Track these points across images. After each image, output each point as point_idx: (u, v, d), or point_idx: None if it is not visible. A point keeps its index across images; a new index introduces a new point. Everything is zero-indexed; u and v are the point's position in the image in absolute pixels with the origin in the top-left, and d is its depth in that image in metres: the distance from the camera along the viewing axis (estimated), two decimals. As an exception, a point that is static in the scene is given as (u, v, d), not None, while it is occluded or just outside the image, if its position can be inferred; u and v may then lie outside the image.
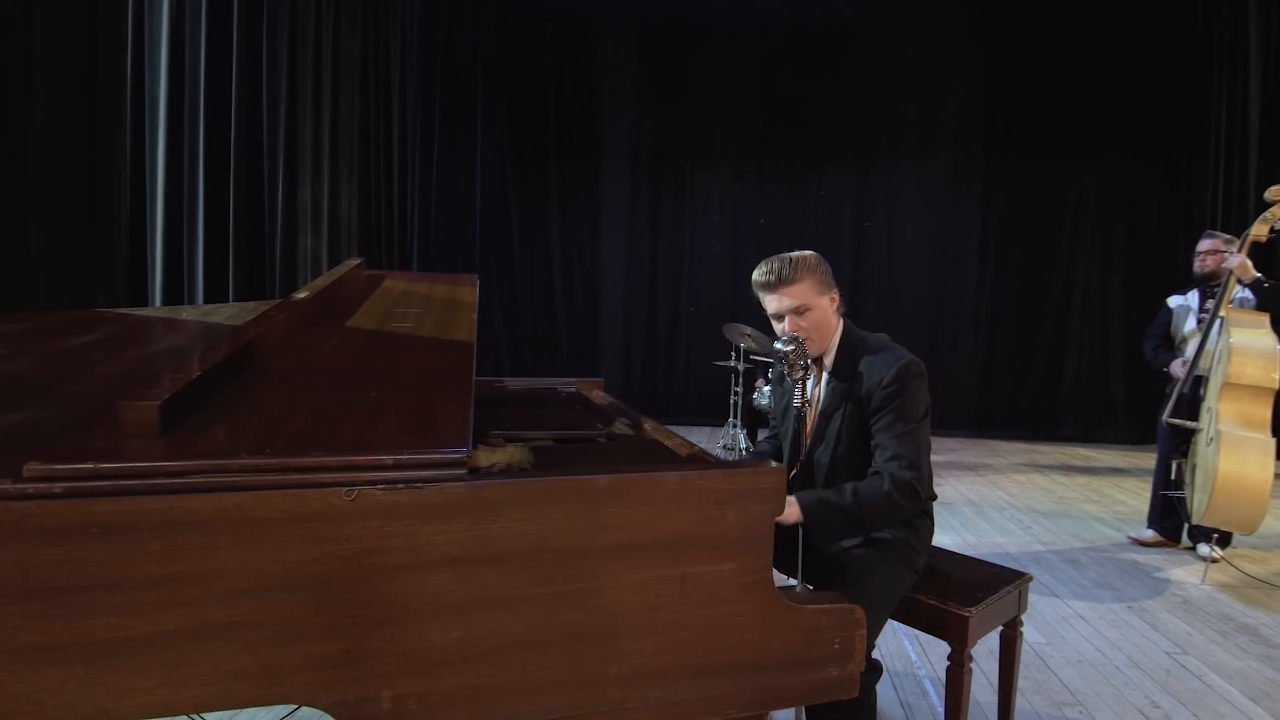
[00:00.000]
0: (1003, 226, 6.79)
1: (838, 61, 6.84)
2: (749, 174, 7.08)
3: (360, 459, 0.86)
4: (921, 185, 6.87)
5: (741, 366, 5.20)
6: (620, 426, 1.46)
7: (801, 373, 1.67)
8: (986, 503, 4.50)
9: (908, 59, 6.76)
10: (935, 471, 5.47)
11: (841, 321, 1.74)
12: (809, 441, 1.74)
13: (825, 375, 1.74)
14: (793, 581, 1.33)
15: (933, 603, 1.59)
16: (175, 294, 4.08)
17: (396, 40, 6.69)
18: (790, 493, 1.91)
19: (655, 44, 7.10)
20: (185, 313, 1.81)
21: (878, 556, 1.57)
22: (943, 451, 6.15)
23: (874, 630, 1.48)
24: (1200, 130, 6.25)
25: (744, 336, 4.96)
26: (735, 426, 5.41)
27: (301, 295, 1.59)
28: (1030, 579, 1.77)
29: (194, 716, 0.97)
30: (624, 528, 0.96)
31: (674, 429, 1.58)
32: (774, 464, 1.01)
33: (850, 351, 1.69)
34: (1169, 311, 3.68)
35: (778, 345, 1.67)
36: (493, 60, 7.30)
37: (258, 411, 0.98)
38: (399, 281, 2.22)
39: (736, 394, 5.38)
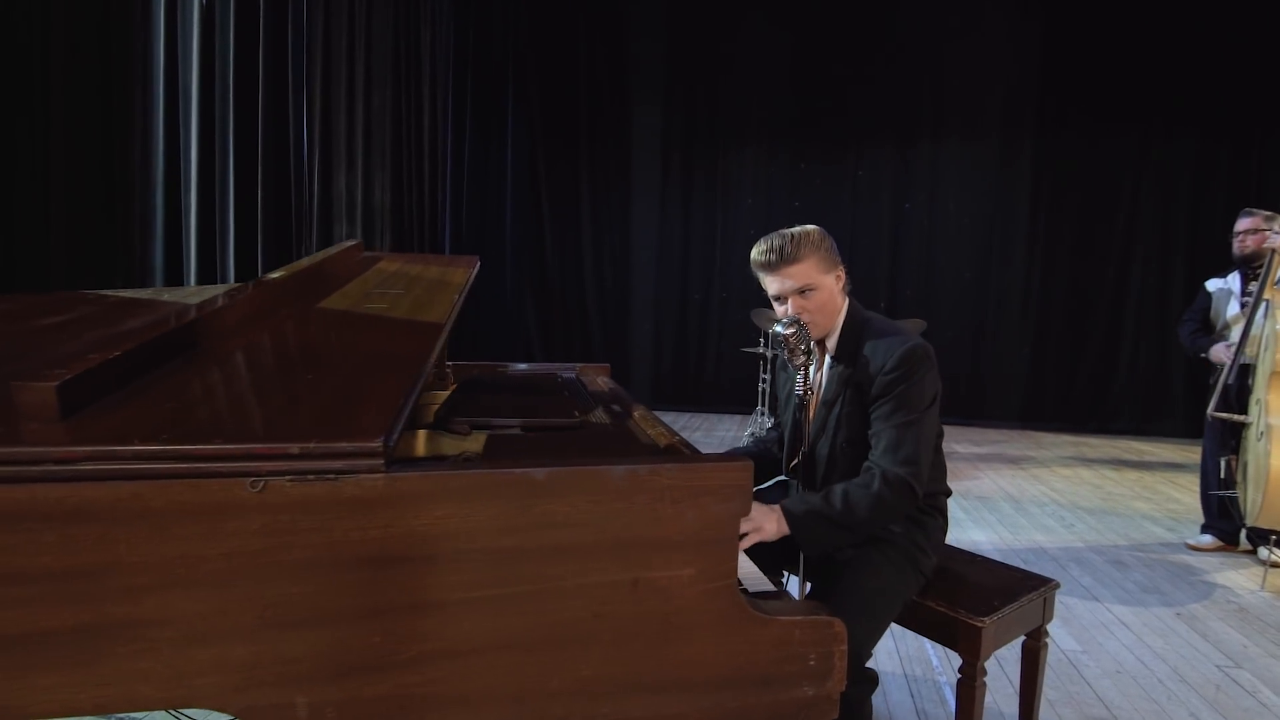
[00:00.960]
0: (1054, 208, 6.42)
1: (877, 37, 6.55)
2: (783, 156, 6.85)
3: (261, 447, 0.78)
4: (966, 165, 6.55)
5: (769, 353, 5.05)
6: (599, 415, 1.36)
7: (803, 358, 1.54)
8: (1027, 498, 4.27)
9: (952, 32, 6.42)
10: (973, 464, 5.28)
11: (847, 301, 1.61)
12: (810, 432, 1.62)
13: (828, 359, 1.62)
14: (768, 589, 1.21)
15: (943, 609, 1.46)
16: (209, 283, 4.13)
17: (427, 28, 6.68)
18: (791, 485, 1.81)
19: (687, 24, 6.92)
20: (168, 294, 1.78)
21: (879, 556, 1.45)
22: (984, 443, 5.89)
23: (869, 639, 1.35)
24: (1276, 104, 5.78)
25: (772, 322, 4.79)
26: (763, 414, 5.27)
27: (276, 275, 1.53)
28: (1057, 586, 1.61)
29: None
30: (565, 526, 0.87)
31: (705, 417, 1.49)
32: (741, 460, 0.90)
33: (854, 333, 1.56)
34: (1207, 296, 3.41)
35: (776, 328, 1.54)
36: (524, 46, 7.22)
37: (176, 396, 0.91)
38: (394, 263, 2.16)
39: (764, 381, 5.23)
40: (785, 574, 1.71)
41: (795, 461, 1.63)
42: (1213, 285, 3.41)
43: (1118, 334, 6.37)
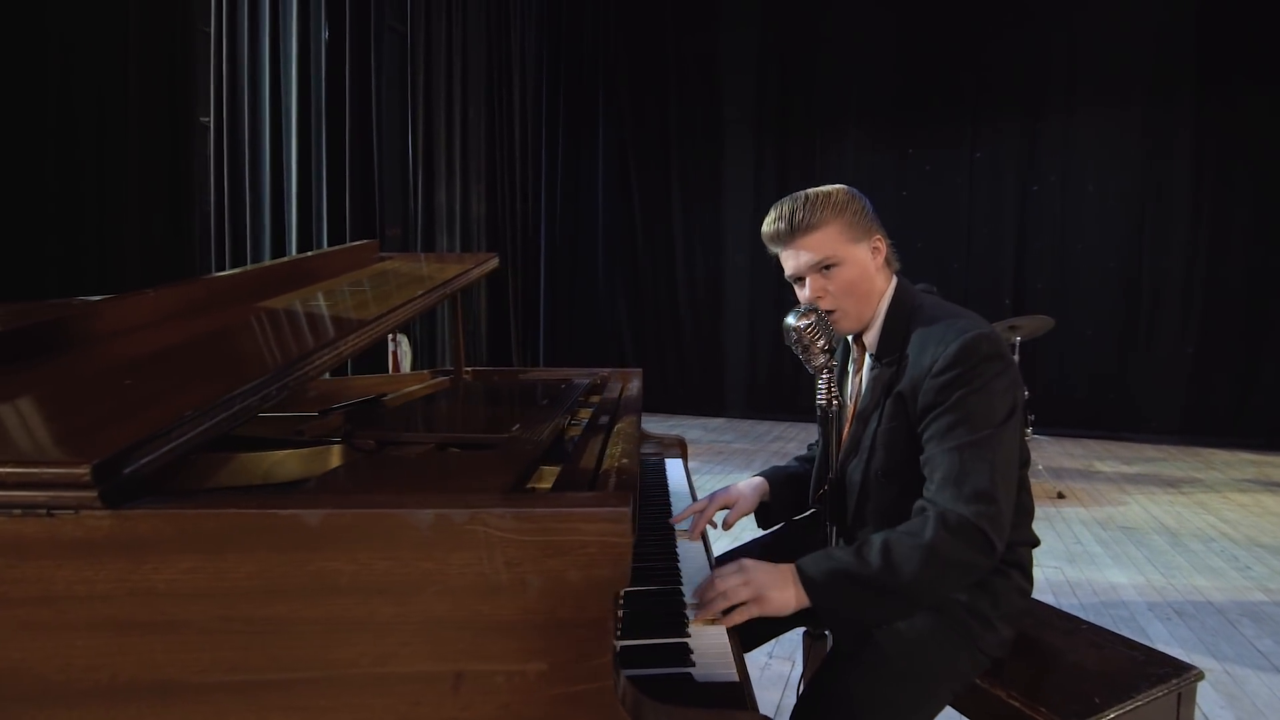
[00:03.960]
0: (1222, 184, 5.40)
1: (995, 3, 5.83)
2: (887, 141, 6.26)
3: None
4: (1108, 138, 5.66)
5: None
6: (546, 429, 1.09)
7: (823, 357, 1.19)
8: (1188, 530, 3.52)
9: (1089, -14, 5.60)
10: (1119, 486, 4.45)
11: (894, 281, 1.23)
12: (839, 454, 1.26)
13: (867, 360, 1.24)
14: (721, 677, 0.88)
15: (1017, 704, 1.05)
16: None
17: (517, 39, 6.75)
18: (815, 522, 1.45)
19: (780, 6, 6.51)
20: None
21: (919, 627, 1.06)
22: (1134, 461, 5.02)
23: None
24: None
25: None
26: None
27: (223, 273, 1.40)
28: (1199, 676, 1.14)
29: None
30: (353, 592, 0.60)
31: (803, 427, 1.21)
32: (614, 505, 0.60)
33: (900, 324, 1.18)
34: None
35: (788, 319, 1.21)
36: (613, 44, 7.10)
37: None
38: (399, 262, 2.01)
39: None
40: (793, 639, 1.35)
41: (823, 490, 1.27)
42: None
43: (1313, 330, 5.25)
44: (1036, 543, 1.19)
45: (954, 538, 0.98)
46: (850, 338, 1.30)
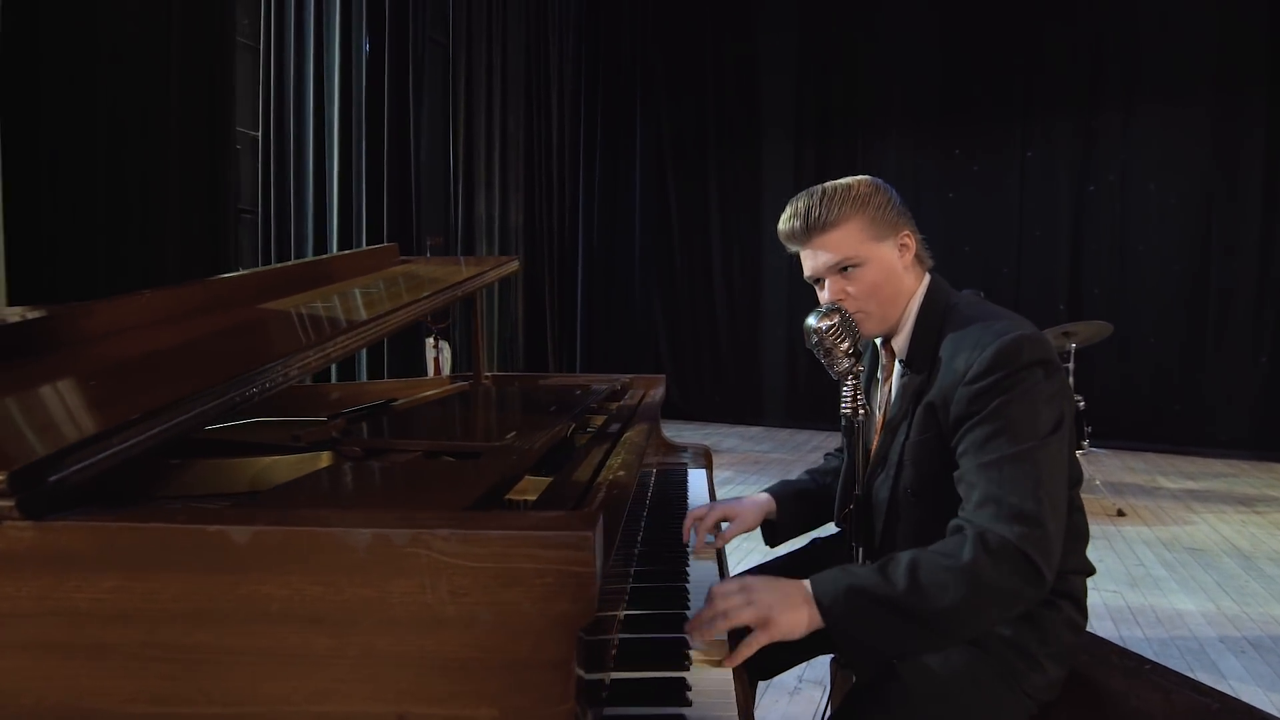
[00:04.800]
0: (1300, 178, 5.06)
1: (1049, -7, 5.59)
2: (933, 142, 6.05)
3: None
4: (1172, 134, 5.36)
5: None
6: (541, 436, 1.01)
7: (847, 362, 1.09)
8: (1264, 553, 3.25)
9: (1149, -25, 5.32)
10: (1184, 504, 4.14)
11: (927, 280, 1.12)
12: (869, 467, 1.15)
13: (897, 367, 1.14)
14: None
15: (1068, 754, 0.93)
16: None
17: (555, 47, 6.79)
18: (841, 542, 1.34)
19: (820, 7, 6.38)
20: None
21: (959, 662, 0.94)
22: (1201, 477, 4.70)
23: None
24: None
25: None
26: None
27: (233, 275, 1.37)
28: (1284, 727, 1.00)
29: None
30: (286, 621, 0.54)
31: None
32: (577, 528, 0.52)
33: (932, 327, 1.08)
34: None
35: (809, 320, 1.11)
36: (651, 51, 7.07)
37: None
38: (418, 265, 1.98)
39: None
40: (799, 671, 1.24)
41: (848, 508, 1.17)
42: None
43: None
44: (1091, 571, 1.06)
45: (995, 561, 0.87)
46: (879, 342, 1.20)
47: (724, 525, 1.27)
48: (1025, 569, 0.87)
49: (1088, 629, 1.09)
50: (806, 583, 0.89)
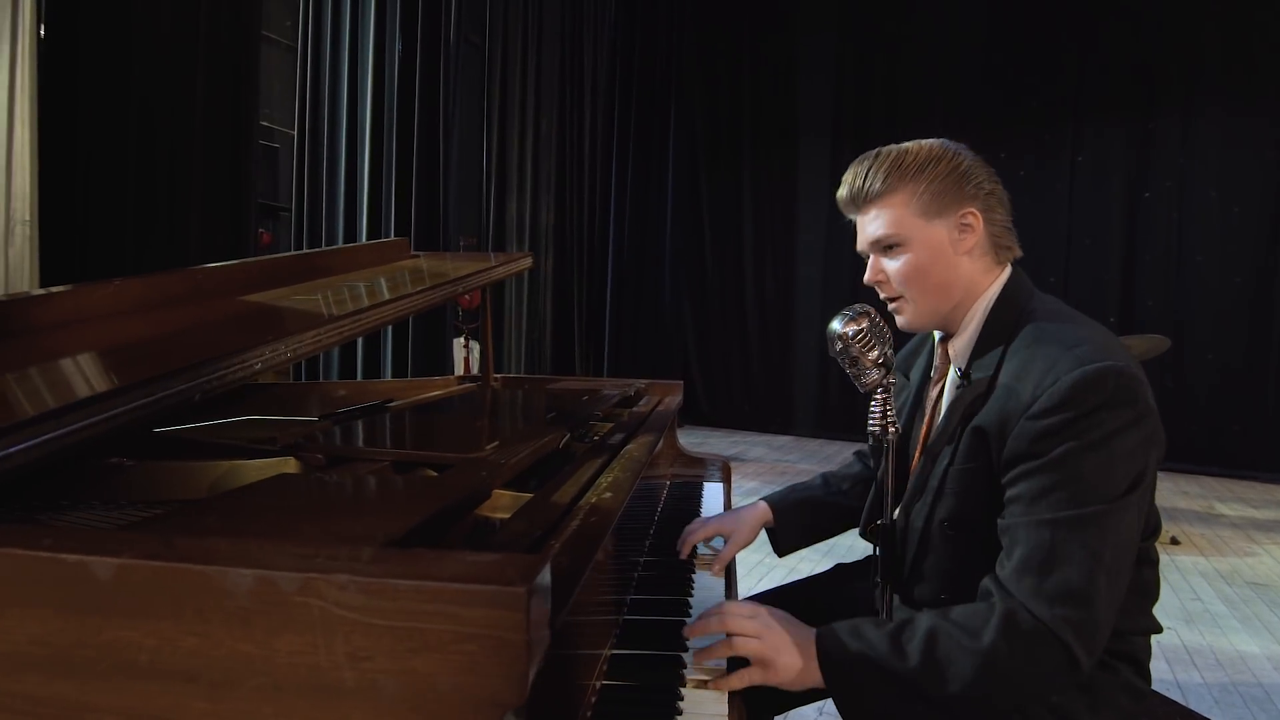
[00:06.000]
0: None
1: (1104, -10, 5.33)
2: (977, 144, 5.41)
3: None
4: (1233, 138, 5.04)
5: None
6: (520, 448, 0.90)
7: (876, 373, 0.96)
8: (1337, 591, 2.98)
9: (1215, -30, 5.02)
10: (1246, 534, 3.82)
11: (1005, 275, 0.95)
12: (906, 492, 1.01)
13: (951, 373, 0.99)
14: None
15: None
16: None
17: (589, 48, 6.73)
18: (862, 569, 1.20)
19: (860, 5, 6.19)
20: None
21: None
22: (1265, 505, 4.39)
23: None
24: None
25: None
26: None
27: (219, 265, 1.30)
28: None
29: None
30: (155, 677, 0.43)
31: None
32: (507, 581, 0.40)
33: (1001, 331, 0.91)
34: None
35: (833, 325, 0.99)
36: (686, 53, 6.96)
37: None
38: (425, 260, 1.90)
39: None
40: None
41: (875, 524, 1.03)
42: None
43: None
44: (1157, 629, 0.90)
45: (1021, 647, 0.74)
46: (936, 339, 1.03)
47: (718, 542, 1.18)
48: (1058, 658, 0.74)
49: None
50: (815, 636, 0.78)
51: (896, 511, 1.00)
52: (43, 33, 2.63)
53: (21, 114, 2.66)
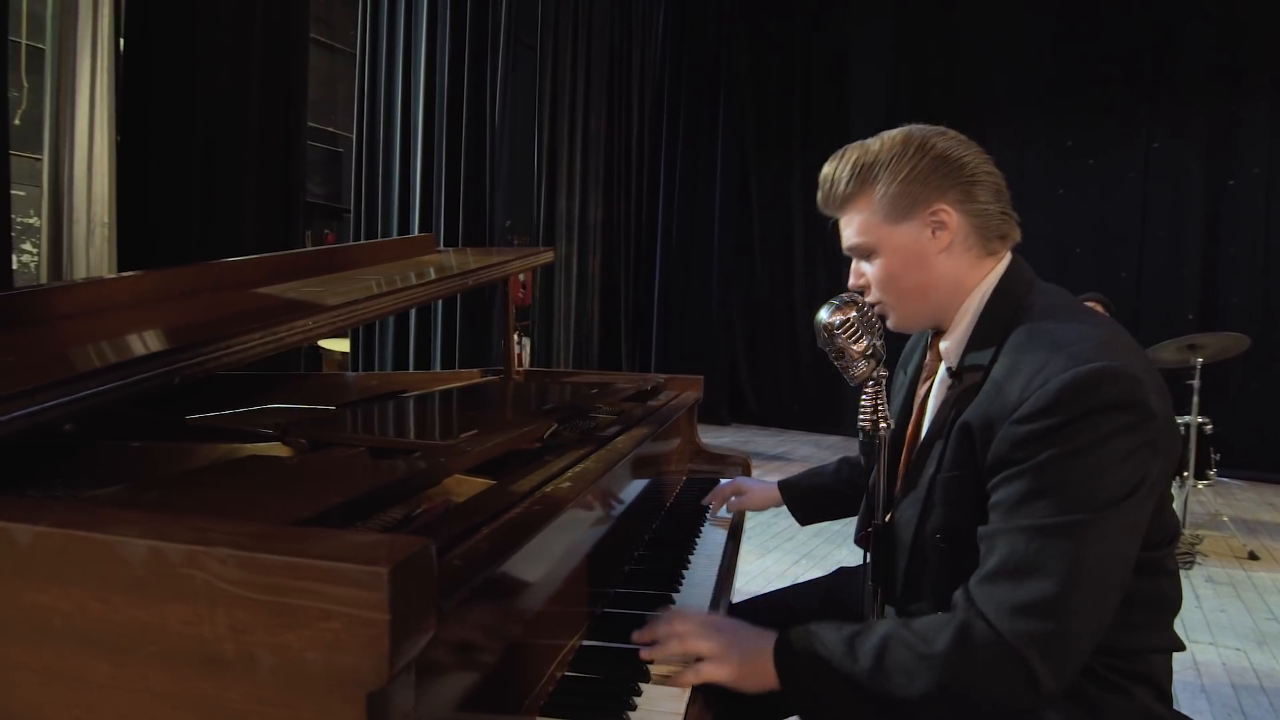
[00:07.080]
0: None
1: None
2: (1042, 133, 5.53)
3: None
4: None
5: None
6: (475, 439, 0.91)
7: (865, 365, 0.93)
8: None
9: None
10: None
11: (1002, 267, 0.89)
12: (897, 489, 0.97)
13: (941, 370, 0.94)
14: None
15: None
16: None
17: (638, 45, 6.75)
18: (859, 576, 1.15)
19: (918, -8, 5.99)
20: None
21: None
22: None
23: None
24: None
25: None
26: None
27: (239, 260, 1.36)
28: None
29: None
30: (69, 640, 0.46)
31: None
32: (369, 560, 0.40)
33: (996, 328, 0.84)
34: None
35: (819, 315, 0.96)
36: (737, 47, 6.88)
37: None
38: (449, 255, 1.95)
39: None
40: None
41: (868, 529, 1.00)
42: None
43: None
44: (1179, 647, 0.83)
45: (974, 660, 0.69)
46: (929, 338, 0.98)
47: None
48: (1013, 676, 0.69)
49: (1182, 710, 0.86)
50: (775, 640, 0.77)
51: (889, 514, 0.96)
52: (122, 47, 2.82)
53: (101, 123, 2.86)
